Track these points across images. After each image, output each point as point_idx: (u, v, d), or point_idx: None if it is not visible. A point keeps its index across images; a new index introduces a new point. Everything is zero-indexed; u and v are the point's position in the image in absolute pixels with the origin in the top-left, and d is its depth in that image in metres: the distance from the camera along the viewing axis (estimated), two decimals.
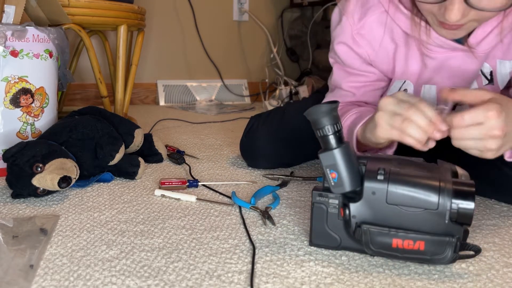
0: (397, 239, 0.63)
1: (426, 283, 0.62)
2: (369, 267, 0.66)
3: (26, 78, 1.03)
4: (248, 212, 0.86)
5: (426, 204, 0.62)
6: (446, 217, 0.62)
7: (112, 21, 1.46)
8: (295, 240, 0.74)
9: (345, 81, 0.97)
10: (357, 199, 0.65)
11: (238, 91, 2.57)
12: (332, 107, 0.64)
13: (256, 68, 2.65)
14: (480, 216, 0.86)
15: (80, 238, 0.73)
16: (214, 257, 0.68)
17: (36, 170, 0.86)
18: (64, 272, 0.63)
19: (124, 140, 1.05)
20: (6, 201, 0.89)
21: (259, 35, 2.61)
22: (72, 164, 0.90)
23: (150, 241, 0.73)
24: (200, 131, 1.66)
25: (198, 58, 2.48)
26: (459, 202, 0.62)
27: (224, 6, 2.50)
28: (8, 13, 1.04)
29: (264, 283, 0.61)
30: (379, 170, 0.65)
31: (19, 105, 1.03)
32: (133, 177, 1.04)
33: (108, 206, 0.88)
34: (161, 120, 1.82)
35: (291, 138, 1.11)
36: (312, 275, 0.63)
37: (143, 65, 2.32)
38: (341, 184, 0.65)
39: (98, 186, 0.99)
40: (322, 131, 0.65)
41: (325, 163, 0.65)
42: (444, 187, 0.62)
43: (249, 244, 0.72)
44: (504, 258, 0.70)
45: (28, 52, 1.03)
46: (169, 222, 0.80)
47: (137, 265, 0.65)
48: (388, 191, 0.64)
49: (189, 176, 1.08)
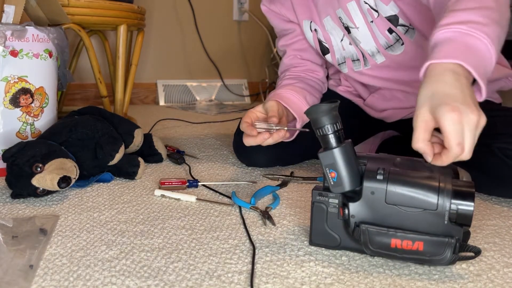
0: (396, 239, 0.63)
1: (426, 283, 0.62)
2: (370, 267, 0.66)
3: (26, 78, 1.03)
4: (248, 212, 0.86)
5: (425, 204, 0.62)
6: (445, 217, 0.62)
7: (112, 21, 1.46)
8: (295, 240, 0.74)
9: (282, 41, 1.20)
10: (356, 199, 0.65)
11: (238, 91, 2.57)
12: (332, 106, 0.63)
13: (256, 68, 2.65)
14: (481, 216, 0.86)
15: (79, 238, 0.73)
16: (214, 257, 0.68)
17: (35, 170, 0.86)
18: (63, 272, 0.63)
19: (124, 140, 1.05)
20: (5, 201, 0.89)
21: (259, 35, 2.60)
22: (72, 164, 0.90)
23: (150, 241, 0.73)
24: (200, 131, 1.65)
25: (198, 58, 2.48)
26: (458, 202, 0.61)
27: (224, 5, 2.50)
28: (8, 13, 1.04)
29: (264, 283, 0.61)
30: (378, 170, 0.64)
31: (19, 105, 1.03)
32: (133, 177, 1.04)
33: (108, 206, 0.87)
34: (161, 120, 1.82)
35: None
36: (312, 275, 0.63)
37: (143, 65, 2.32)
38: (340, 183, 0.65)
39: (98, 186, 0.99)
40: (321, 130, 0.65)
41: (325, 162, 0.65)
42: (443, 187, 0.62)
43: (249, 244, 0.72)
44: (504, 258, 0.70)
45: (28, 52, 1.02)
46: (169, 222, 0.80)
47: (137, 265, 0.65)
48: (387, 191, 0.64)
49: (189, 176, 1.08)
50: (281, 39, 1.21)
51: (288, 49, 1.20)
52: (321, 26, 1.11)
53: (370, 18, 1.02)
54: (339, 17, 1.05)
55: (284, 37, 1.20)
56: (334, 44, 1.12)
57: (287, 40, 1.19)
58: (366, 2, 1.00)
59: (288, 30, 1.19)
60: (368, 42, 1.05)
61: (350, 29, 1.05)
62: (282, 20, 1.18)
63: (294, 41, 1.18)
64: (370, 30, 1.03)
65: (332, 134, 0.64)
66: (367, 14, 1.01)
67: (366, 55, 1.08)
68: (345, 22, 1.05)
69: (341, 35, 1.09)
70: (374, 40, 1.04)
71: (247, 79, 2.63)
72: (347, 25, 1.05)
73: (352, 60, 1.12)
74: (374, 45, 1.05)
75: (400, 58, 1.05)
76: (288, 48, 1.20)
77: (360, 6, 1.01)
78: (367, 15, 1.02)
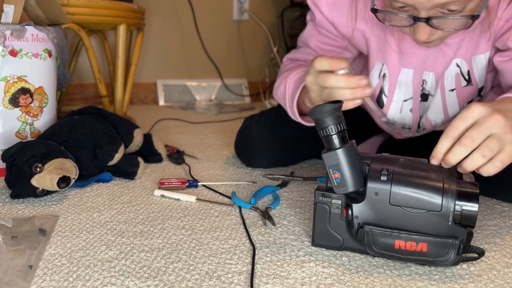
0: (400, 241, 0.62)
1: (427, 284, 0.61)
2: (370, 268, 0.65)
3: (25, 77, 1.03)
4: (248, 213, 0.85)
5: (429, 205, 0.62)
6: (449, 218, 0.62)
7: (111, 21, 1.45)
8: (296, 241, 0.74)
9: (314, 39, 0.99)
10: (360, 200, 0.65)
11: (238, 90, 2.56)
12: (335, 106, 0.63)
13: (256, 68, 2.64)
14: (481, 216, 0.86)
15: (79, 238, 0.73)
16: (214, 257, 0.68)
17: (35, 170, 0.86)
18: (63, 272, 0.62)
19: (123, 140, 1.05)
20: (5, 201, 0.89)
21: (259, 35, 2.60)
22: (71, 164, 0.90)
23: (150, 242, 0.72)
24: (200, 131, 1.65)
25: (198, 58, 2.47)
26: (463, 204, 0.61)
27: (224, 5, 2.50)
28: (7, 13, 1.03)
29: (264, 284, 0.60)
30: (382, 170, 0.64)
31: (18, 104, 1.03)
32: (133, 177, 1.04)
33: (107, 206, 0.87)
34: (160, 120, 1.82)
35: (285, 135, 1.12)
36: (313, 276, 0.63)
37: (143, 65, 2.32)
38: (344, 184, 0.65)
39: (97, 186, 0.98)
40: (325, 131, 0.64)
41: (328, 163, 0.65)
42: (448, 188, 0.62)
43: (249, 244, 0.72)
44: (505, 258, 0.70)
45: (27, 51, 1.02)
46: (168, 223, 0.80)
47: (137, 266, 0.65)
48: (391, 192, 0.63)
49: (188, 176, 1.08)
50: (316, 36, 0.99)
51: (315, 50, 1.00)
52: (393, 73, 0.93)
53: (452, 85, 0.90)
54: (424, 79, 0.92)
55: (320, 36, 0.99)
56: (394, 100, 0.96)
57: (323, 43, 0.99)
58: (458, 66, 0.88)
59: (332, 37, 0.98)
60: (438, 113, 0.94)
61: (429, 96, 0.93)
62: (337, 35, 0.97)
63: (328, 50, 0.99)
64: (443, 101, 0.92)
65: (336, 134, 0.64)
66: (452, 80, 0.90)
67: (427, 125, 0.96)
68: (428, 89, 0.92)
69: (409, 96, 0.94)
70: (443, 112, 0.93)
71: (247, 79, 2.62)
72: (428, 92, 0.92)
73: (402, 128, 1.00)
74: (442, 116, 0.94)
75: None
76: (316, 49, 1.00)
77: (447, 71, 0.89)
78: (450, 81, 0.90)
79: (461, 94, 0.91)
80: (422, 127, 0.98)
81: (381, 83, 0.96)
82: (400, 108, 0.96)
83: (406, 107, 0.96)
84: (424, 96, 0.94)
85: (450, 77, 0.90)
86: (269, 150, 1.13)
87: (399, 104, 0.96)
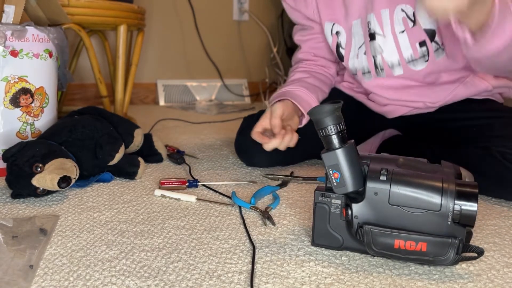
0: (399, 240, 0.62)
1: (426, 283, 0.62)
2: (370, 267, 0.66)
3: (26, 78, 1.03)
4: (248, 212, 0.85)
5: (428, 205, 0.62)
6: (448, 218, 0.62)
7: (112, 21, 1.46)
8: (295, 240, 0.74)
9: (297, 35, 1.22)
10: (360, 200, 0.65)
11: (238, 91, 2.57)
12: (335, 107, 0.63)
13: (256, 68, 2.65)
14: (481, 216, 0.86)
15: (79, 238, 0.73)
16: (214, 257, 0.68)
17: (35, 170, 0.86)
18: (63, 272, 0.63)
19: (124, 140, 1.05)
20: (5, 201, 0.89)
21: (259, 35, 2.60)
22: (72, 164, 0.90)
23: (150, 241, 0.72)
24: (200, 131, 1.65)
25: (198, 58, 2.48)
26: (462, 203, 0.61)
27: (224, 5, 2.50)
28: (8, 13, 1.04)
29: (264, 283, 0.61)
30: (381, 170, 0.64)
31: (19, 105, 1.03)
32: (133, 177, 1.04)
33: (108, 206, 0.87)
34: (161, 120, 1.82)
35: None
36: (312, 275, 0.63)
37: (143, 65, 2.32)
38: (343, 184, 0.65)
39: (97, 186, 0.99)
40: (324, 131, 0.64)
41: (328, 163, 0.65)
42: (447, 188, 0.62)
43: (249, 244, 0.72)
44: (504, 258, 0.70)
45: (28, 52, 1.02)
46: (169, 222, 0.80)
47: (137, 265, 0.65)
48: (390, 191, 0.63)
49: (189, 176, 1.08)
50: (298, 32, 1.23)
51: (303, 45, 1.22)
52: (347, 28, 1.10)
53: (401, 28, 1.01)
54: (368, 21, 1.04)
55: (301, 32, 1.21)
56: (351, 49, 1.11)
57: (304, 35, 1.21)
58: (404, 10, 0.99)
59: (305, 26, 1.20)
60: (392, 53, 1.04)
61: (377, 35, 1.04)
62: (302, 16, 1.18)
63: (310, 38, 1.20)
64: (396, 41, 1.02)
65: (335, 135, 0.64)
66: (400, 23, 1.00)
67: (385, 66, 1.06)
68: (373, 28, 1.04)
69: (361, 42, 1.08)
70: (398, 51, 1.03)
71: (247, 79, 2.62)
72: (374, 31, 1.04)
73: (363, 73, 1.11)
74: (397, 57, 1.04)
75: (418, 75, 1.04)
76: (303, 44, 1.22)
77: (394, 14, 1.00)
78: (399, 25, 1.01)
79: (411, 35, 1.01)
80: (380, 68, 1.08)
81: (336, 40, 1.12)
82: (356, 54, 1.10)
83: (361, 51, 1.09)
84: (372, 36, 1.05)
85: (398, 20, 1.00)
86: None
87: (355, 52, 1.10)
